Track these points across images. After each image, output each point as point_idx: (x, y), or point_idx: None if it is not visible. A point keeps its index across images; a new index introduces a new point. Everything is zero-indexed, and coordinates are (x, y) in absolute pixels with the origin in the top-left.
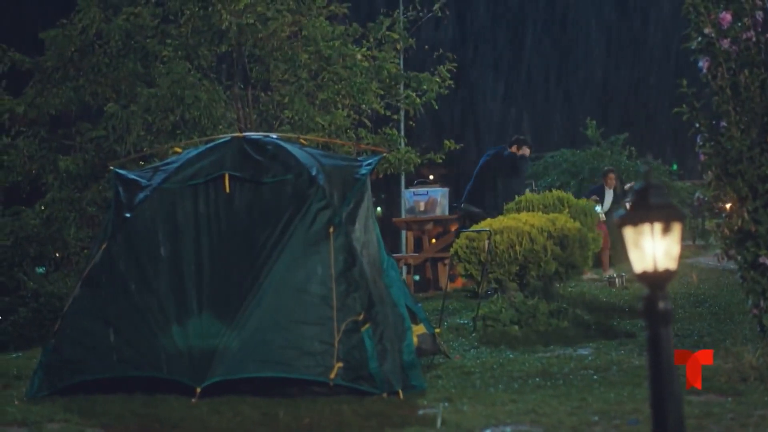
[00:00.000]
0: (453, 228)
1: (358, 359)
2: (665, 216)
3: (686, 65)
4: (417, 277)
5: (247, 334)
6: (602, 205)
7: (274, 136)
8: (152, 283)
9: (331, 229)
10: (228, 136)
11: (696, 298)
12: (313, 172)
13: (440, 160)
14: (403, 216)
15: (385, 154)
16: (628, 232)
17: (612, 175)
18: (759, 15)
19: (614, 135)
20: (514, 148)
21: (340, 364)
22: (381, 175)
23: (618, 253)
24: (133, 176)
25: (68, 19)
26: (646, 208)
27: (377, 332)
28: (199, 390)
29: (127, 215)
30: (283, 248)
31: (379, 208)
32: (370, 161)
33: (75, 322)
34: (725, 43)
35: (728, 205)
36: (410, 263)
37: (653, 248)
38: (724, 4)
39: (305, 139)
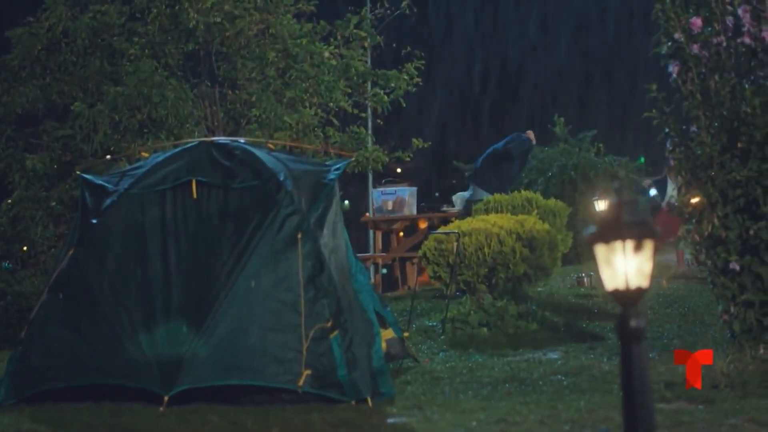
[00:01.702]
0: (422, 225)
1: (327, 366)
2: (637, 233)
3: (654, 62)
4: (384, 270)
5: (215, 342)
6: (664, 195)
7: (242, 140)
8: (119, 290)
9: (299, 235)
10: (195, 141)
11: (665, 299)
12: (281, 178)
13: (408, 158)
14: (372, 215)
15: (352, 159)
16: (600, 250)
17: None
18: (729, 20)
19: (582, 132)
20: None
21: (309, 372)
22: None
23: (586, 250)
24: (99, 181)
25: (35, 17)
26: (617, 225)
27: (346, 339)
28: (166, 398)
29: (94, 221)
30: (251, 254)
31: (346, 202)
32: (338, 166)
33: (42, 329)
34: (695, 48)
35: (694, 200)
36: (378, 262)
37: (625, 266)
38: (694, 9)
39: (273, 144)
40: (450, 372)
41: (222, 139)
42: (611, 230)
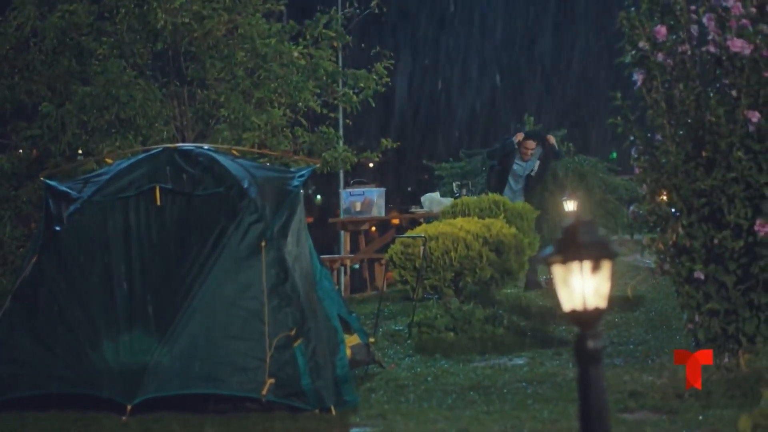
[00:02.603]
0: (395, 222)
1: (291, 375)
2: (595, 254)
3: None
4: (357, 266)
5: (179, 350)
6: None
7: (206, 147)
8: (83, 297)
9: (263, 243)
10: (159, 147)
11: (632, 302)
12: (245, 185)
13: (377, 158)
14: (341, 216)
15: (317, 166)
16: (557, 270)
17: None
18: (694, 29)
19: (552, 131)
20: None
21: (272, 380)
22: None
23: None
24: (63, 188)
25: (3, 17)
26: (575, 246)
27: (309, 348)
28: (130, 407)
29: (57, 228)
30: (215, 262)
31: (319, 196)
32: (302, 172)
33: (5, 337)
34: (660, 57)
35: (657, 193)
36: (346, 264)
37: (582, 286)
38: (658, 17)
39: (237, 150)
40: (415, 379)
41: (186, 145)
42: (568, 250)
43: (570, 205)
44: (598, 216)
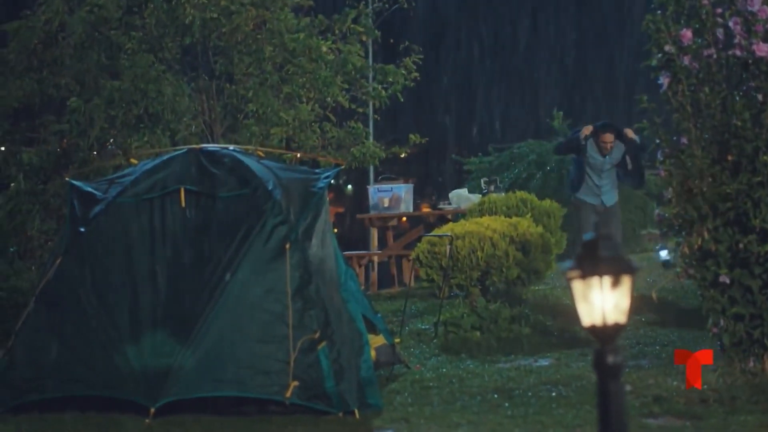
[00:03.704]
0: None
1: (314, 378)
2: (615, 269)
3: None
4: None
5: (202, 353)
6: None
7: (231, 147)
8: (106, 300)
9: (288, 246)
10: (184, 149)
11: (658, 302)
12: (270, 187)
13: (405, 154)
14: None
15: (342, 167)
16: (577, 286)
17: None
18: (720, 32)
19: (580, 126)
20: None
21: (296, 383)
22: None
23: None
24: (88, 189)
25: (32, 11)
26: (595, 261)
27: (333, 350)
28: (153, 410)
29: (82, 230)
30: (239, 265)
31: (349, 186)
32: (327, 174)
33: (29, 339)
34: (686, 60)
35: (682, 197)
36: (374, 260)
37: (602, 302)
38: (684, 20)
39: (262, 151)
40: (440, 380)
41: (211, 146)
42: (588, 266)
43: None
44: (627, 210)
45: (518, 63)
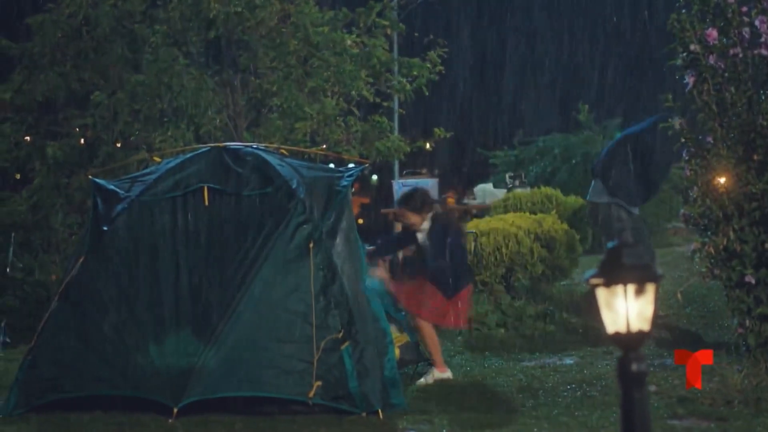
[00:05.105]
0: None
1: (338, 378)
2: (639, 277)
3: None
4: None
5: (225, 353)
6: None
7: (254, 146)
8: (129, 299)
9: (311, 245)
10: (207, 147)
11: (685, 298)
12: (294, 185)
13: (430, 148)
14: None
15: (367, 165)
16: (601, 293)
17: None
18: (746, 31)
19: (606, 119)
20: None
21: (319, 383)
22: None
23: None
24: (111, 187)
25: (55, 5)
26: (619, 269)
27: (357, 350)
28: (176, 410)
29: (105, 228)
30: (263, 264)
31: (375, 176)
32: (351, 172)
33: (51, 338)
34: (711, 59)
35: (707, 196)
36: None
37: (626, 310)
38: (710, 19)
39: (285, 149)
40: (464, 379)
41: (234, 144)
42: (612, 274)
43: None
44: (653, 203)
45: (545, 55)
